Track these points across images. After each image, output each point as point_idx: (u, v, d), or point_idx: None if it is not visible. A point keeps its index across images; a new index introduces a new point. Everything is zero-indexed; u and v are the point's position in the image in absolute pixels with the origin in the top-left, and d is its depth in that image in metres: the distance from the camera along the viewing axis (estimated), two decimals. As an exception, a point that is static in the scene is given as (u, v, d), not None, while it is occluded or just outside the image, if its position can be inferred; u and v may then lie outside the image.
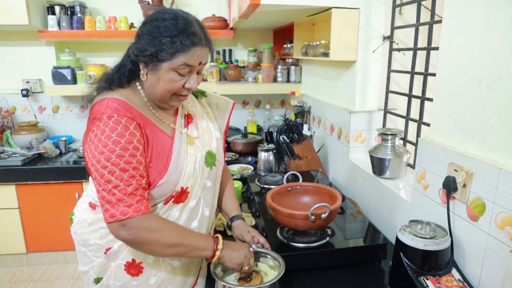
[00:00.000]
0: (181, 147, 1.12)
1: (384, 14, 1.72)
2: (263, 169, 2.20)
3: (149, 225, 0.98)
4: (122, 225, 0.96)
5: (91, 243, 1.16)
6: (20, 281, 2.67)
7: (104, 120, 0.98)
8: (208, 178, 1.19)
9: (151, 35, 1.00)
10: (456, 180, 1.05)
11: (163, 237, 0.99)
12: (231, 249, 1.10)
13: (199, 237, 1.08)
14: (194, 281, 1.24)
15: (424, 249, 1.01)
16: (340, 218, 1.50)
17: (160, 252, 1.03)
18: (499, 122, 0.93)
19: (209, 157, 1.18)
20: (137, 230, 0.96)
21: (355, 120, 1.81)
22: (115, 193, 0.95)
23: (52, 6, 2.74)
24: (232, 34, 2.82)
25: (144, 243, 0.99)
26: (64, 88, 2.78)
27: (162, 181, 1.05)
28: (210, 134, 1.23)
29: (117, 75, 1.08)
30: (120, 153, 0.96)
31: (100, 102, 1.03)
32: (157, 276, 1.15)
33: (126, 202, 0.95)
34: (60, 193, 2.65)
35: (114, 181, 0.95)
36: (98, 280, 1.17)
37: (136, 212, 0.96)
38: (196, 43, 1.01)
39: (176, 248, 1.02)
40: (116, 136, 0.97)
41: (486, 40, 0.95)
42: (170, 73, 1.02)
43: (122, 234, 0.97)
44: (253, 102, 3.25)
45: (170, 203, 1.10)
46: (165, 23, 0.99)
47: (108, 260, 1.14)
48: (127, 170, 0.96)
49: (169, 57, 0.99)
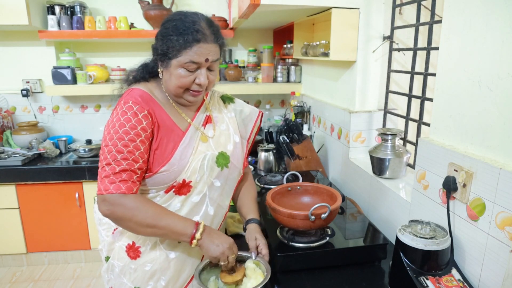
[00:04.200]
0: (191, 142, 1.16)
1: (384, 14, 1.72)
2: (263, 169, 2.21)
3: (123, 202, 1.03)
4: (103, 200, 1.03)
5: (104, 222, 1.28)
6: (20, 281, 2.67)
7: (120, 105, 1.09)
8: (217, 178, 1.20)
9: (162, 35, 1.09)
10: (456, 180, 1.05)
11: (136, 216, 1.04)
12: (210, 241, 1.09)
13: (177, 221, 1.09)
14: (190, 277, 1.24)
15: (424, 249, 1.01)
16: (340, 218, 1.50)
17: (137, 230, 1.07)
18: (499, 122, 0.93)
19: (222, 158, 1.20)
20: (113, 206, 1.03)
21: (355, 120, 1.81)
22: (106, 170, 1.04)
23: (52, 6, 2.75)
24: (232, 34, 2.83)
25: (120, 219, 1.05)
26: (64, 88, 2.78)
27: (163, 169, 1.10)
28: (228, 137, 1.26)
29: (141, 71, 1.19)
30: (121, 136, 1.05)
31: (125, 92, 1.14)
32: (153, 264, 1.17)
33: (110, 179, 1.03)
34: (60, 193, 2.66)
35: (108, 159, 1.04)
36: (107, 259, 1.25)
37: (116, 190, 1.03)
38: (200, 40, 1.05)
39: (151, 229, 1.06)
40: (123, 120, 1.06)
41: (486, 40, 0.95)
42: (179, 69, 1.08)
43: (101, 208, 1.04)
44: (253, 102, 3.25)
45: (171, 193, 1.14)
46: (173, 23, 1.07)
47: (115, 239, 1.23)
48: (121, 152, 1.04)
49: (176, 54, 1.06)
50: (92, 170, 2.59)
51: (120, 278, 1.20)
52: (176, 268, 1.19)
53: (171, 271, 1.19)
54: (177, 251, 1.19)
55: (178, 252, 1.19)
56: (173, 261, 1.19)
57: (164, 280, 1.18)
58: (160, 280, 1.18)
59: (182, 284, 1.22)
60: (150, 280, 1.18)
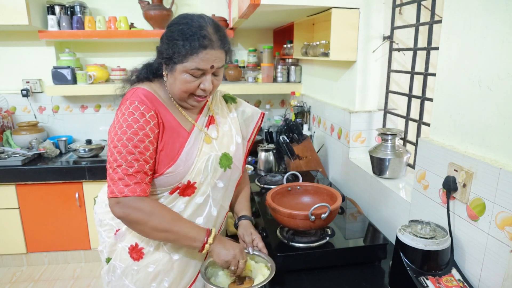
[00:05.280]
0: (196, 143, 1.16)
1: (384, 14, 1.72)
2: (263, 169, 2.21)
3: (140, 206, 1.03)
4: (117, 202, 1.03)
5: (105, 223, 1.25)
6: (20, 281, 2.67)
7: (126, 105, 1.07)
8: (220, 179, 1.20)
9: (167, 38, 1.07)
10: (456, 180, 1.05)
11: (152, 220, 1.04)
12: (221, 246, 1.10)
13: (190, 227, 1.10)
14: (193, 279, 1.24)
15: (424, 249, 1.01)
16: (340, 218, 1.50)
17: (150, 234, 1.08)
18: (499, 122, 0.93)
19: (225, 159, 1.20)
20: (129, 209, 1.02)
21: (355, 120, 1.81)
22: (118, 171, 1.03)
23: (52, 6, 2.74)
24: (232, 34, 2.83)
25: (134, 223, 1.05)
26: (64, 88, 2.77)
27: (169, 170, 1.10)
28: (231, 138, 1.26)
29: (145, 71, 1.17)
30: (130, 137, 1.04)
31: (129, 91, 1.13)
32: (156, 265, 1.17)
33: (125, 181, 1.02)
34: (60, 193, 2.66)
35: (119, 161, 1.03)
36: (108, 260, 1.24)
37: (131, 193, 1.02)
38: (206, 46, 1.04)
39: (164, 233, 1.06)
40: (131, 121, 1.05)
41: (486, 40, 0.95)
42: (184, 74, 1.07)
43: (116, 210, 1.04)
44: (253, 102, 3.25)
45: (176, 194, 1.14)
46: (180, 27, 1.05)
47: (117, 241, 1.22)
48: (132, 153, 1.03)
49: (181, 59, 1.04)
50: (92, 170, 2.59)
51: (122, 279, 1.19)
52: (179, 270, 1.19)
53: (175, 272, 1.19)
54: (180, 252, 1.19)
55: (181, 253, 1.19)
56: (176, 262, 1.18)
57: (168, 282, 1.18)
58: (163, 281, 1.18)
59: (185, 286, 1.22)
60: (153, 281, 1.17)
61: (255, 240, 1.23)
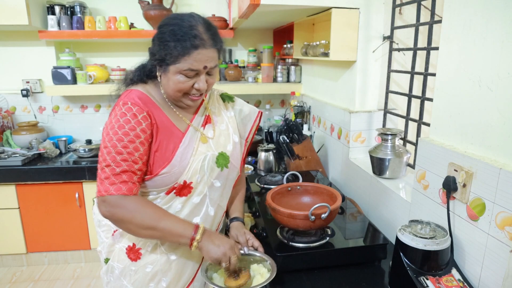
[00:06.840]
0: (191, 143, 1.15)
1: (384, 14, 1.72)
2: (263, 169, 2.21)
3: (125, 204, 1.03)
4: (103, 201, 1.03)
5: (103, 224, 1.27)
6: (20, 281, 2.67)
7: (119, 106, 1.08)
8: (217, 178, 1.20)
9: (159, 40, 1.06)
10: (456, 180, 1.05)
11: (136, 218, 1.03)
12: (210, 242, 1.07)
13: (177, 223, 1.07)
14: (191, 279, 1.24)
15: (424, 249, 1.01)
16: (340, 218, 1.50)
17: (137, 232, 1.07)
18: (499, 122, 0.93)
19: (222, 158, 1.20)
20: (114, 208, 1.03)
21: (355, 120, 1.81)
22: (106, 171, 1.03)
23: (52, 6, 2.75)
24: (232, 34, 2.82)
25: (120, 221, 1.05)
26: (64, 88, 2.78)
27: (164, 171, 1.10)
28: (228, 137, 1.25)
29: (138, 73, 1.17)
30: (120, 137, 1.04)
31: (123, 93, 1.13)
32: (153, 265, 1.17)
33: (111, 180, 1.03)
34: (60, 193, 2.66)
35: (107, 160, 1.03)
36: (107, 261, 1.24)
37: (117, 191, 1.02)
38: (198, 46, 1.03)
39: (150, 230, 1.05)
40: (123, 121, 1.05)
41: (486, 40, 0.95)
42: (178, 75, 1.07)
43: (102, 209, 1.04)
44: (253, 102, 3.25)
45: (172, 194, 1.14)
46: (170, 28, 1.04)
47: (114, 241, 1.23)
48: (121, 153, 1.03)
49: (174, 60, 1.04)
50: (92, 170, 2.59)
51: (120, 280, 1.19)
52: (177, 270, 1.19)
53: (172, 272, 1.18)
54: (178, 253, 1.19)
55: (179, 253, 1.19)
56: (174, 262, 1.18)
57: (165, 282, 1.18)
58: (161, 281, 1.18)
59: (183, 286, 1.22)
60: (151, 281, 1.17)
61: (249, 239, 1.22)
